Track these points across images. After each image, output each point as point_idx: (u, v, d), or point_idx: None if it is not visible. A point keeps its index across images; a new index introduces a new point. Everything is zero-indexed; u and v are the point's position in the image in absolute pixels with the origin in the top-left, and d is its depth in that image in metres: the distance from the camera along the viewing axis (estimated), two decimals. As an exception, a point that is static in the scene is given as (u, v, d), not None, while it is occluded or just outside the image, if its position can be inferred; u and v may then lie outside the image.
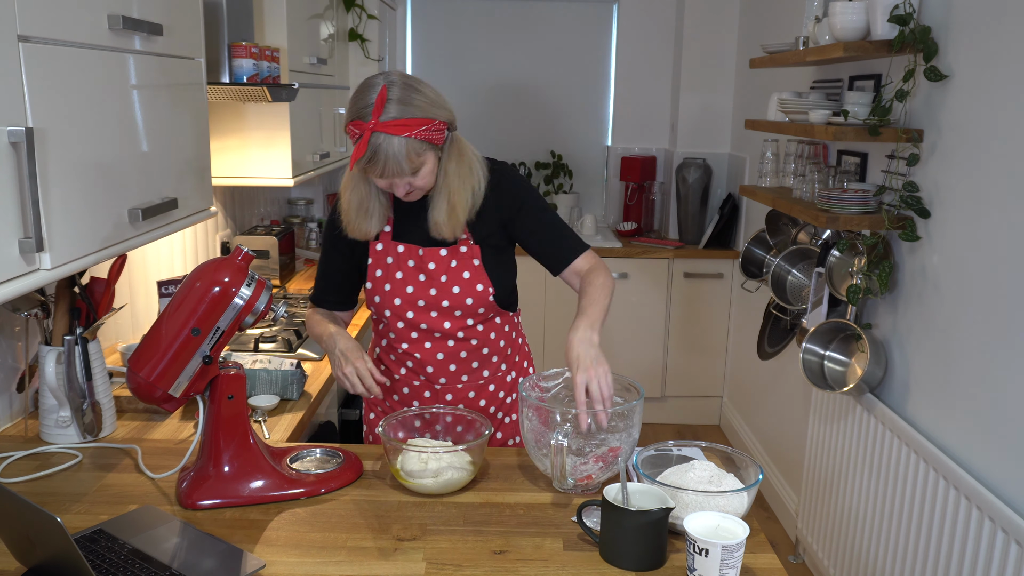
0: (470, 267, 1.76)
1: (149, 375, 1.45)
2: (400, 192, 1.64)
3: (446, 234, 1.71)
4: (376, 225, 1.74)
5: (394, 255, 1.77)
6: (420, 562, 1.33)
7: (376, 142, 1.55)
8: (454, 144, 1.70)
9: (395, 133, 1.54)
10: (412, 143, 1.57)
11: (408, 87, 1.59)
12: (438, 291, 1.76)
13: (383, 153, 1.55)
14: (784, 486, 3.39)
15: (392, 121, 1.55)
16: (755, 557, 1.37)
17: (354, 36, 3.64)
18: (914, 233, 2.24)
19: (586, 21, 4.62)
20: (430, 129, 1.58)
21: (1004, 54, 1.91)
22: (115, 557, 1.30)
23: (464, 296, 1.76)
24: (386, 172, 1.58)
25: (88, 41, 1.43)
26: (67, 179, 1.36)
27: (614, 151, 4.62)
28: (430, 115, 1.59)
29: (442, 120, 1.61)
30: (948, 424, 2.12)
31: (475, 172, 1.72)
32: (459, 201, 1.69)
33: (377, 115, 1.54)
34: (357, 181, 1.71)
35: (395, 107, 1.55)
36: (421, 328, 1.79)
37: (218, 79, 2.26)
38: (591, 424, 1.53)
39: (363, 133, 1.55)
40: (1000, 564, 1.80)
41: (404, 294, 1.76)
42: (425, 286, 1.76)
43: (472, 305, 1.77)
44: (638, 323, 4.21)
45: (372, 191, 1.71)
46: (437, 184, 1.69)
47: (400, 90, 1.57)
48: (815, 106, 2.56)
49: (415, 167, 1.60)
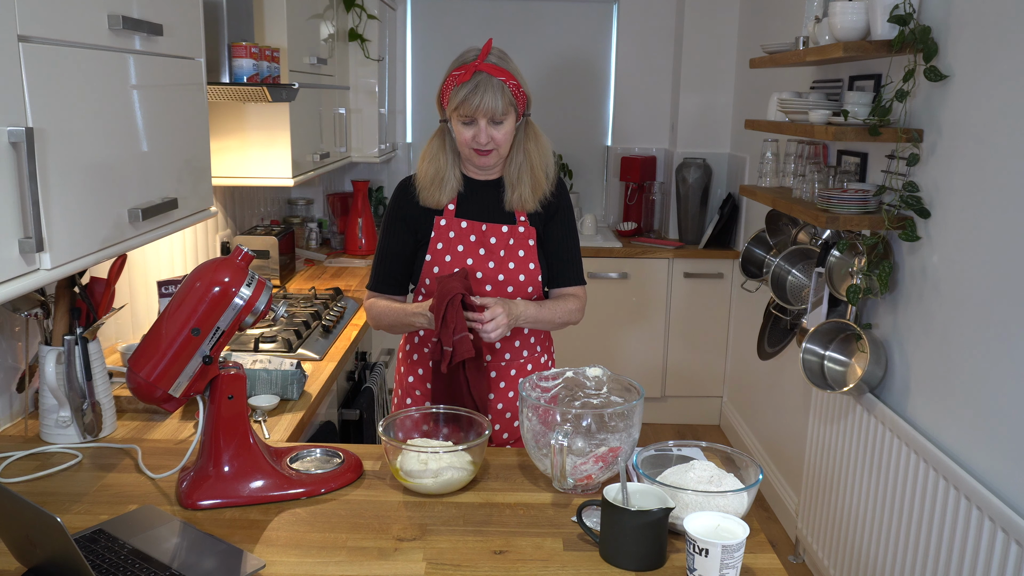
0: (526, 246, 1.91)
1: (149, 375, 1.45)
2: (483, 140, 1.80)
3: (529, 207, 1.90)
4: (448, 195, 1.91)
5: (456, 229, 1.91)
6: (420, 562, 1.33)
7: (479, 77, 1.77)
8: (531, 127, 1.92)
9: (495, 75, 1.78)
10: (506, 90, 1.78)
11: (503, 52, 1.84)
12: (496, 264, 1.89)
13: (484, 85, 1.76)
14: (784, 486, 3.39)
15: (494, 65, 1.79)
16: (755, 557, 1.37)
17: (354, 36, 3.64)
18: (914, 233, 2.24)
19: (586, 21, 4.62)
20: (519, 88, 1.81)
21: (1004, 54, 1.91)
22: (115, 557, 1.30)
23: (518, 272, 1.90)
24: (483, 104, 1.76)
25: (88, 41, 1.43)
26: (67, 179, 1.36)
27: (614, 151, 4.62)
28: (520, 79, 1.82)
29: (525, 91, 1.84)
30: (948, 424, 2.11)
31: (550, 155, 1.94)
32: (541, 177, 1.91)
33: (482, 58, 1.79)
34: (436, 152, 1.90)
35: (496, 58, 1.81)
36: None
37: (218, 79, 2.26)
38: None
39: (467, 71, 1.77)
40: (1000, 564, 1.80)
41: (464, 265, 1.88)
42: (484, 259, 1.89)
43: (524, 282, 1.90)
44: (638, 323, 4.21)
45: (449, 161, 1.90)
46: (518, 161, 1.89)
47: (499, 51, 1.83)
48: (815, 106, 2.57)
49: (504, 113, 1.79)
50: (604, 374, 1.66)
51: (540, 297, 1.95)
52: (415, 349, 2.01)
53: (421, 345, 2.00)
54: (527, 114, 1.89)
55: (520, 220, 1.93)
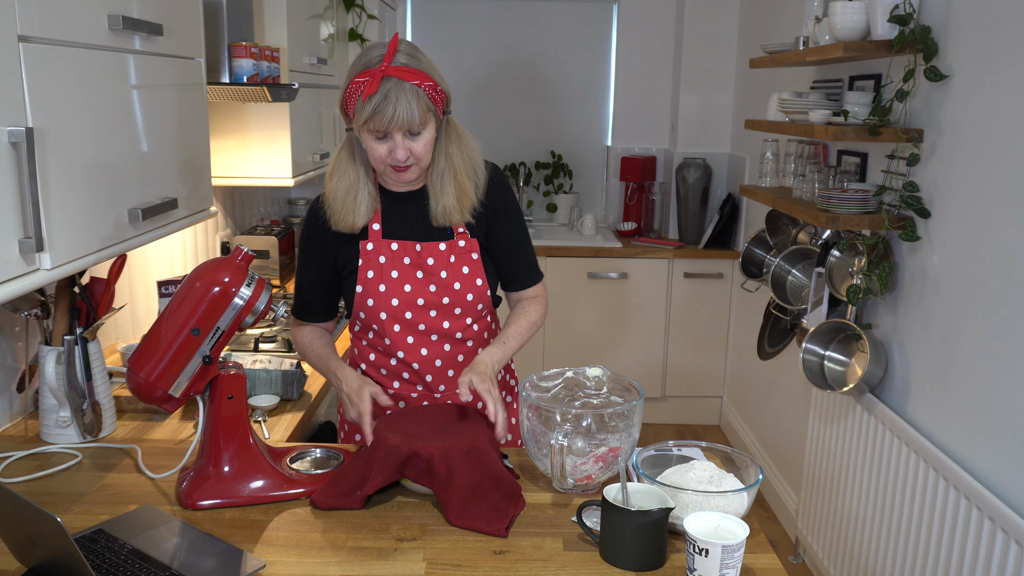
0: (469, 261, 1.72)
1: (149, 375, 1.45)
2: (400, 156, 1.56)
3: (456, 219, 1.67)
4: (364, 216, 1.67)
5: (387, 253, 1.69)
6: (420, 562, 1.33)
7: (387, 85, 1.51)
8: (452, 126, 1.67)
9: (407, 79, 1.51)
10: (422, 95, 1.53)
11: (413, 47, 1.58)
12: (438, 287, 1.69)
13: (394, 96, 1.50)
14: (784, 486, 3.39)
15: (404, 67, 1.52)
16: (755, 557, 1.37)
17: (354, 36, 3.64)
18: (914, 233, 2.24)
19: (586, 21, 4.62)
20: (435, 89, 1.56)
21: (1004, 54, 1.91)
22: (115, 557, 1.30)
23: (465, 292, 1.71)
24: (396, 117, 1.51)
25: (88, 41, 1.43)
26: (67, 179, 1.36)
27: (614, 151, 4.62)
28: (435, 77, 1.57)
29: (443, 89, 1.59)
30: (948, 424, 2.11)
31: (476, 154, 1.70)
32: (467, 183, 1.67)
33: (388, 60, 1.51)
34: (345, 166, 1.66)
35: (405, 58, 1.54)
36: (419, 330, 1.71)
37: (218, 79, 2.26)
38: None
39: (372, 78, 1.50)
40: (1000, 564, 1.80)
41: (402, 293, 1.69)
42: (423, 284, 1.69)
43: (472, 301, 1.72)
44: (638, 323, 4.21)
45: (361, 176, 1.66)
46: (440, 167, 1.65)
47: (407, 47, 1.57)
48: (815, 106, 2.56)
49: (422, 123, 1.55)
50: (604, 374, 1.66)
51: (485, 310, 1.77)
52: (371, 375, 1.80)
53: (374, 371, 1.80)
54: (447, 111, 1.64)
55: (458, 232, 1.71)
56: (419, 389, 1.77)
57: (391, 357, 1.75)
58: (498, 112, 4.70)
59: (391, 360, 1.75)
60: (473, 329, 1.77)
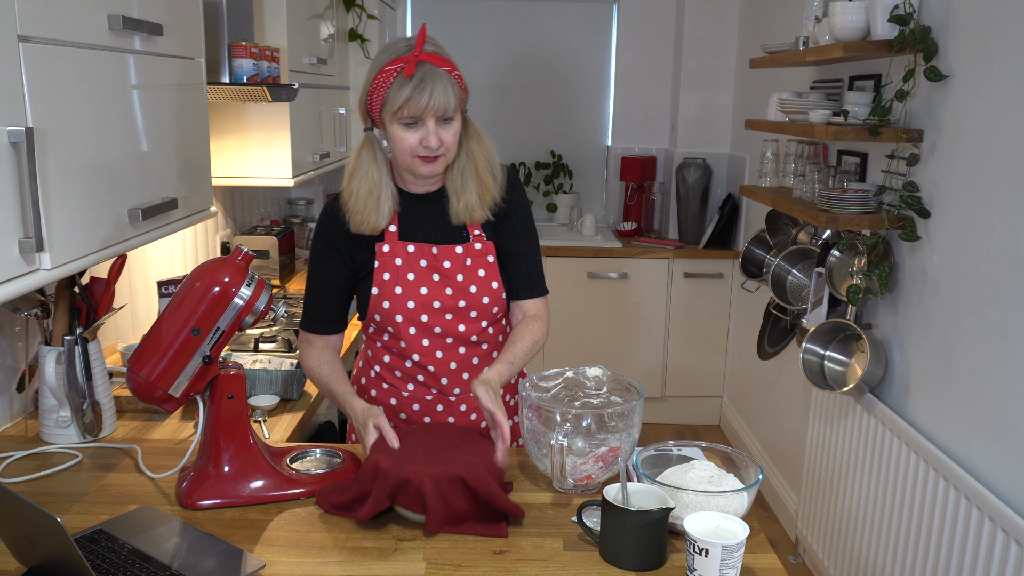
0: (485, 264, 1.70)
1: (149, 375, 1.45)
2: (433, 143, 1.56)
3: (478, 216, 1.67)
4: (385, 217, 1.65)
5: (404, 255, 1.67)
6: (420, 562, 1.33)
7: (423, 69, 1.53)
8: (470, 124, 1.68)
9: (441, 65, 1.55)
10: (453, 82, 1.56)
11: (438, 42, 1.61)
12: (454, 291, 1.67)
13: (431, 80, 1.52)
14: (784, 486, 3.39)
15: (435, 54, 1.55)
16: (755, 557, 1.37)
17: (354, 36, 3.64)
18: (914, 233, 2.24)
19: (586, 21, 4.62)
20: (461, 81, 1.59)
21: (1004, 54, 1.91)
22: (115, 557, 1.30)
23: (481, 295, 1.69)
24: (433, 100, 1.52)
25: (88, 41, 1.43)
26: (67, 179, 1.36)
27: (614, 151, 4.62)
28: (459, 70, 1.60)
29: (465, 84, 1.61)
30: (948, 424, 2.11)
31: (494, 153, 1.71)
32: (488, 180, 1.67)
33: (420, 47, 1.54)
34: (367, 166, 1.64)
35: (433, 47, 1.57)
36: (434, 333, 1.69)
37: (218, 79, 2.26)
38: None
39: (408, 63, 1.52)
40: (1000, 564, 1.80)
41: (418, 296, 1.66)
42: (440, 286, 1.67)
43: (488, 304, 1.70)
44: (638, 323, 4.21)
45: (384, 176, 1.65)
46: (462, 164, 1.66)
47: (434, 39, 1.60)
48: (815, 106, 2.56)
49: (455, 109, 1.57)
50: (604, 374, 1.66)
51: (500, 313, 1.74)
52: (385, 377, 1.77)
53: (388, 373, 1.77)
54: (465, 110, 1.65)
55: (475, 235, 1.70)
56: (434, 392, 1.74)
57: (406, 359, 1.72)
58: (498, 112, 4.70)
59: (406, 362, 1.73)
60: (488, 332, 1.74)
